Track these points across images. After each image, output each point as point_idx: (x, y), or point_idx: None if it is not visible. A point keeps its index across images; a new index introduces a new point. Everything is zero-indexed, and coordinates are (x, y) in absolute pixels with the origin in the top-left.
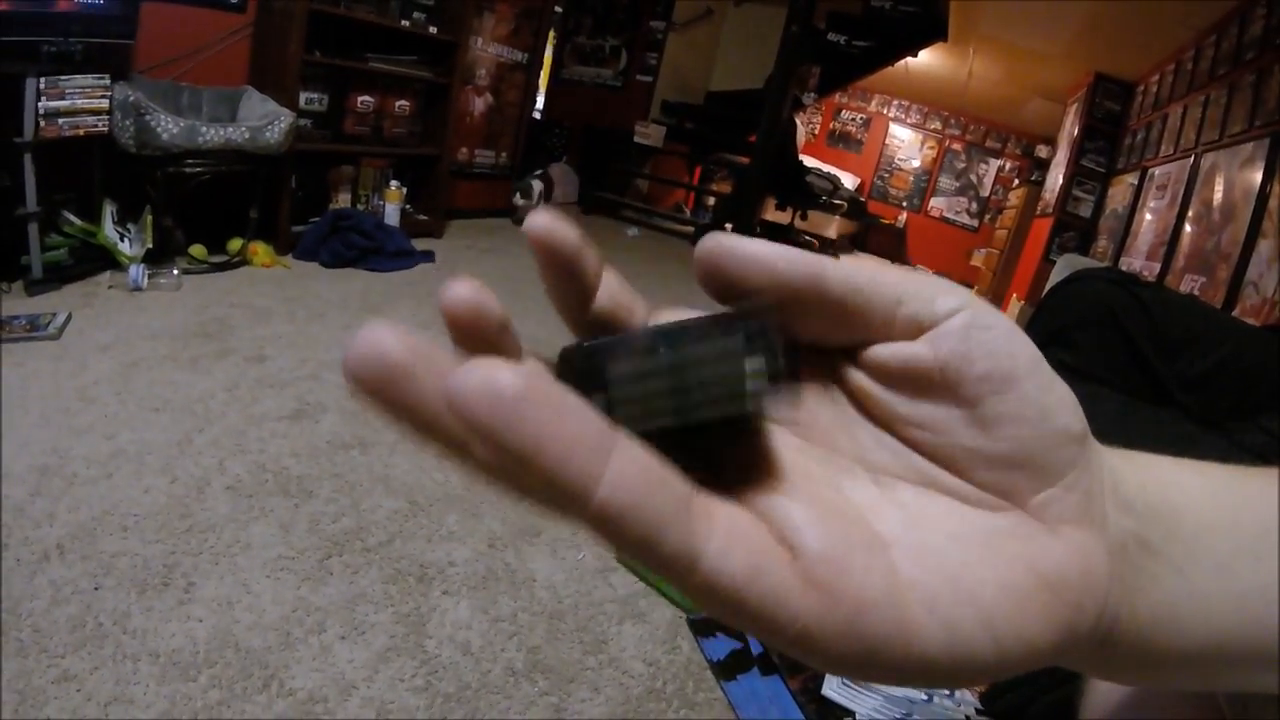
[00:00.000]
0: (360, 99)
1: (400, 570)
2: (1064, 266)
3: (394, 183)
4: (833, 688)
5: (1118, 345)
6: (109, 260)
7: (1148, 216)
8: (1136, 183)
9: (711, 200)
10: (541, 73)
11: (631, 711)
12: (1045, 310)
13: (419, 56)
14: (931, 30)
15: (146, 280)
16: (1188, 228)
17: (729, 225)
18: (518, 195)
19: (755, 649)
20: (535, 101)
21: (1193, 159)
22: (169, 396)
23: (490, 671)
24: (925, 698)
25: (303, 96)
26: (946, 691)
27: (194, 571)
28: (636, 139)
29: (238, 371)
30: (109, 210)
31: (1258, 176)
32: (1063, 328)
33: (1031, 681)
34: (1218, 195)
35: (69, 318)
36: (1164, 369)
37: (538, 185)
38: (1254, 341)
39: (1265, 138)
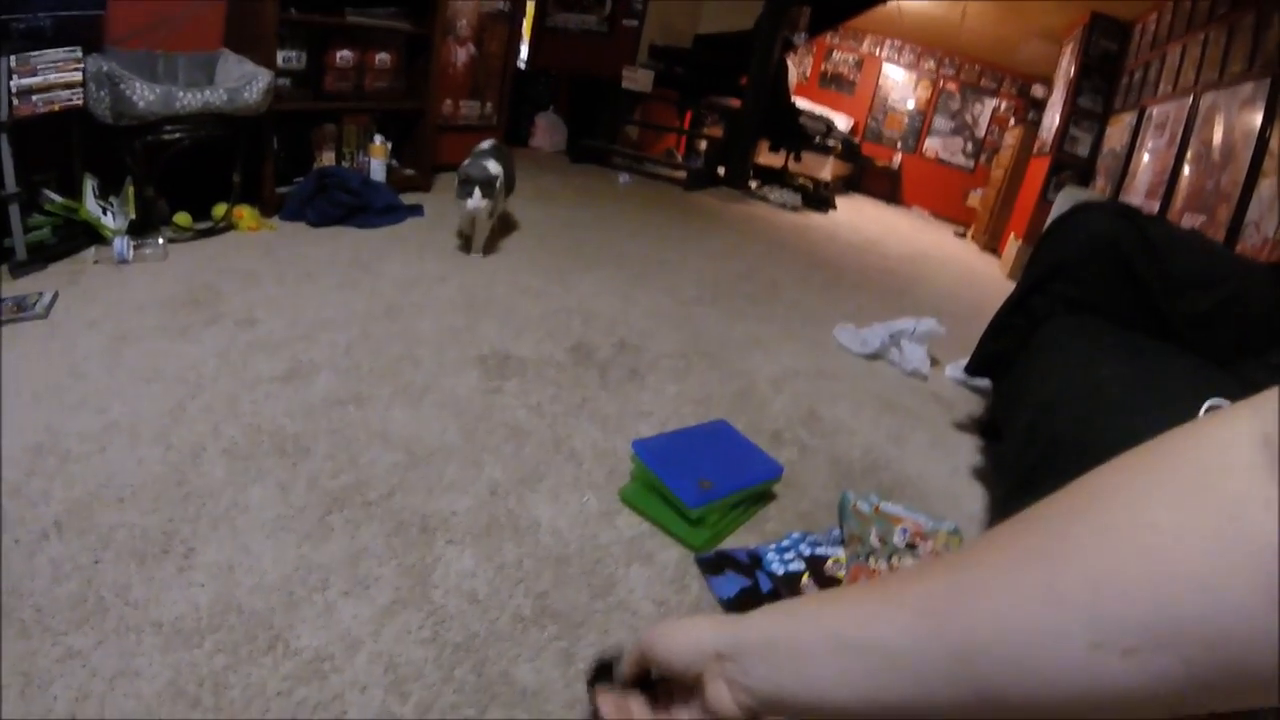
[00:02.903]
0: (339, 55)
1: (402, 523)
2: (1065, 199)
3: (378, 138)
4: None
5: (1122, 279)
6: (93, 235)
7: (1146, 156)
8: (1134, 122)
9: (704, 145)
10: (525, 21)
11: None
12: (1048, 242)
13: (398, 8)
14: None
15: (132, 252)
16: (1186, 168)
17: (721, 170)
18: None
19: (764, 586)
20: (520, 51)
21: (1192, 99)
22: (160, 366)
23: (498, 619)
24: None
25: (280, 55)
26: None
27: (193, 538)
28: (624, 85)
29: (228, 337)
30: (90, 185)
31: (1258, 117)
32: (1066, 261)
33: None
34: (1217, 135)
35: (56, 296)
36: (1169, 305)
37: (477, 194)
38: (1260, 279)
39: (1266, 79)
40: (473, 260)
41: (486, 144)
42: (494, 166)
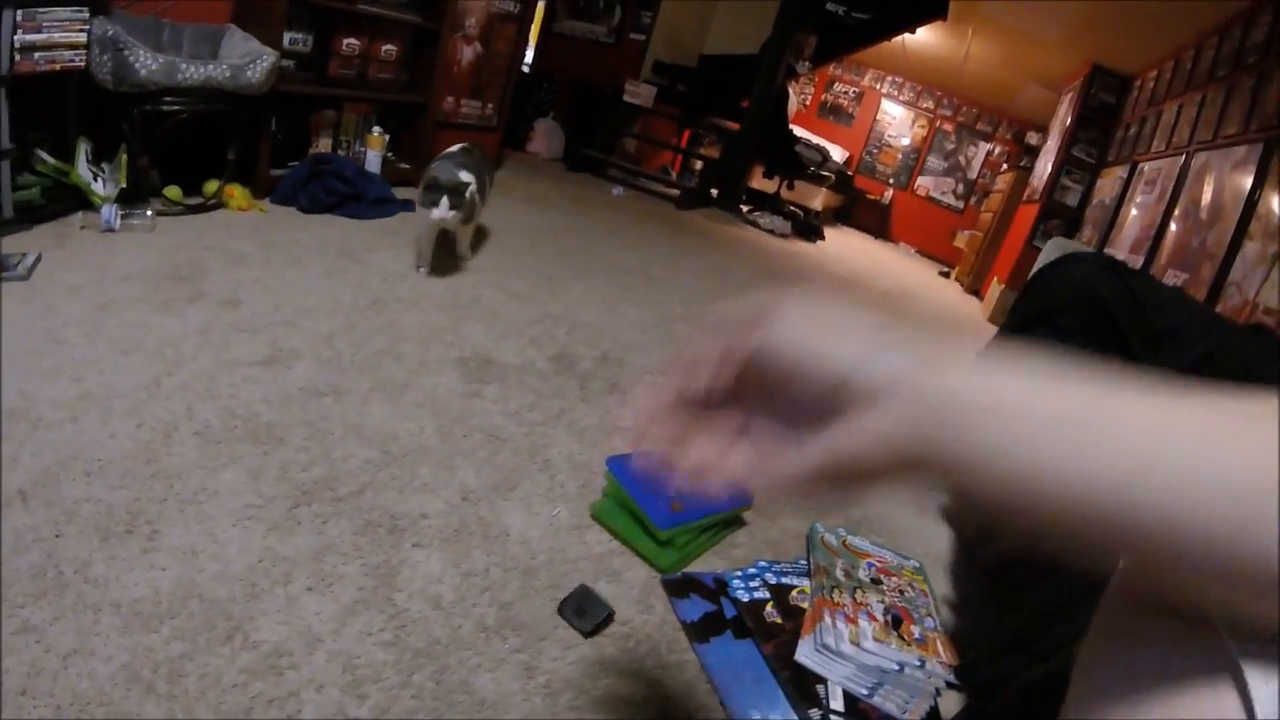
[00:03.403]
0: (346, 41)
1: (371, 521)
2: (1053, 249)
3: (377, 129)
4: (806, 654)
5: (1103, 330)
6: (82, 200)
7: (1134, 210)
8: (1126, 176)
9: (699, 164)
10: (533, 25)
11: (604, 671)
12: (1032, 289)
13: (409, 1)
14: (932, 8)
15: (120, 221)
16: (1173, 225)
17: (714, 191)
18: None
19: (729, 612)
20: (525, 54)
21: (1184, 157)
22: (139, 339)
23: (461, 627)
24: (897, 668)
25: (287, 37)
26: (917, 663)
27: (159, 519)
28: (626, 98)
29: (210, 315)
30: (83, 149)
31: (1248, 180)
32: (1048, 310)
33: (1006, 659)
34: (1207, 194)
35: (39, 258)
36: (1148, 358)
37: (444, 203)
38: (1238, 338)
39: (1259, 142)
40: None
41: (457, 148)
42: (464, 173)
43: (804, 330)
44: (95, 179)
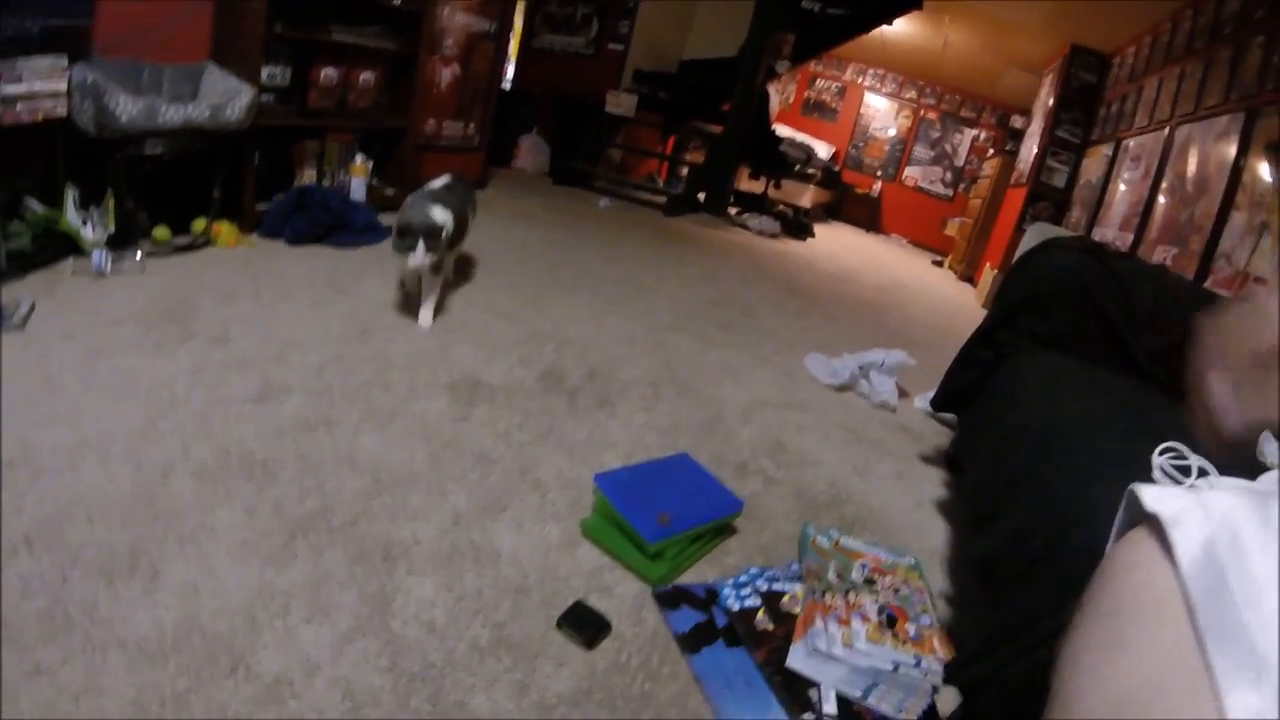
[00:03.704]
0: (324, 72)
1: (365, 550)
2: (1034, 235)
3: (359, 156)
4: (798, 659)
5: (1088, 315)
6: (72, 246)
7: (1121, 187)
8: (1111, 154)
9: (685, 170)
10: (512, 42)
11: (596, 685)
12: (1015, 278)
13: (384, 27)
14: None
15: (110, 265)
16: (1161, 199)
17: (702, 195)
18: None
19: (720, 621)
20: (505, 71)
21: (1167, 131)
22: (133, 383)
23: (455, 649)
24: (891, 667)
25: (265, 71)
26: (913, 661)
27: (160, 558)
28: (608, 108)
29: (202, 354)
30: (71, 195)
31: (1232, 150)
32: (1033, 296)
33: (997, 652)
34: (1191, 167)
35: (33, 307)
36: (1133, 340)
37: (420, 248)
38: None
39: (1240, 112)
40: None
41: (439, 182)
42: (440, 213)
43: None
44: (84, 224)
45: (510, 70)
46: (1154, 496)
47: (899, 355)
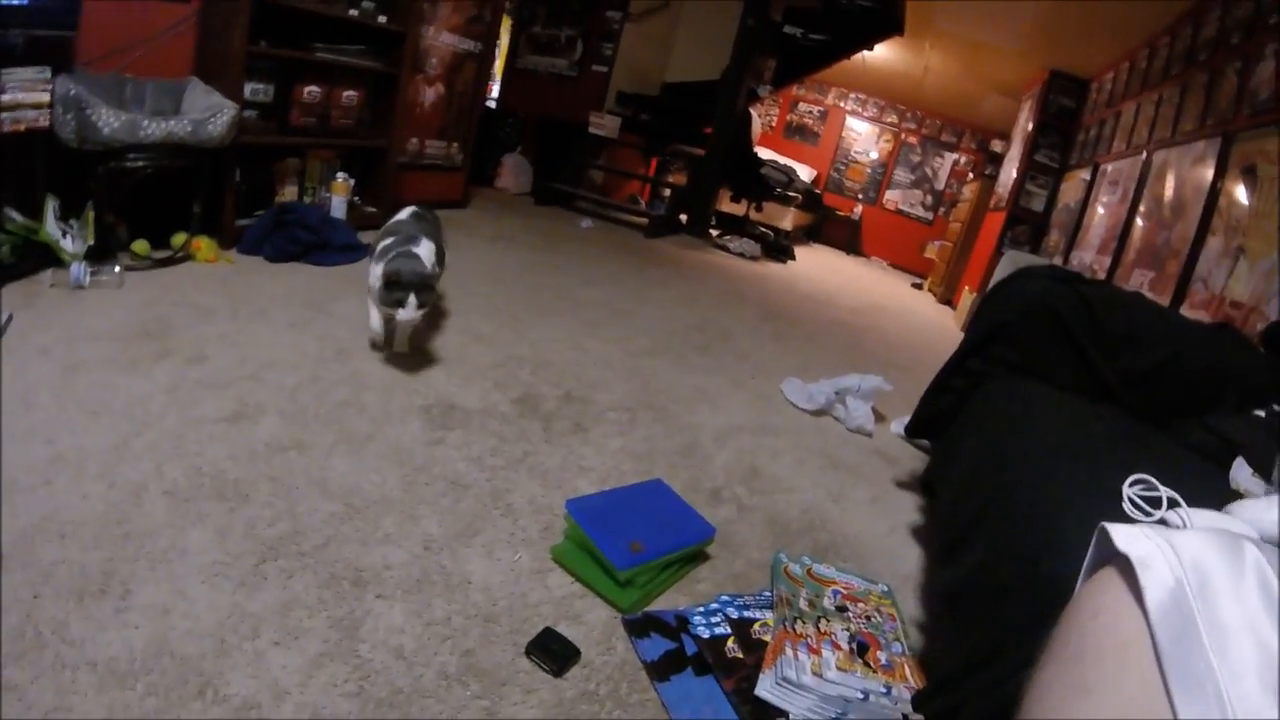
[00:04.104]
0: (307, 90)
1: (335, 574)
2: (1008, 263)
3: (341, 175)
4: (766, 688)
5: (1060, 342)
6: (51, 258)
7: (1099, 211)
8: (1089, 178)
9: (667, 192)
10: (496, 62)
11: (564, 713)
12: (988, 306)
13: (368, 46)
14: (887, 25)
15: (89, 278)
16: (1139, 222)
17: (684, 216)
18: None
19: (689, 649)
20: (489, 91)
21: (1145, 155)
22: (109, 400)
23: (423, 676)
24: (861, 696)
25: (248, 87)
26: (883, 690)
27: (131, 578)
28: (591, 130)
29: (178, 373)
30: (51, 207)
31: (1208, 174)
32: (1005, 324)
33: (964, 684)
34: (1169, 192)
35: (10, 319)
36: (1106, 366)
37: (411, 303)
38: (1197, 340)
39: (1216, 136)
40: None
41: (405, 214)
42: (426, 252)
43: None
44: (64, 236)
45: (495, 90)
46: (1125, 536)
47: (875, 380)
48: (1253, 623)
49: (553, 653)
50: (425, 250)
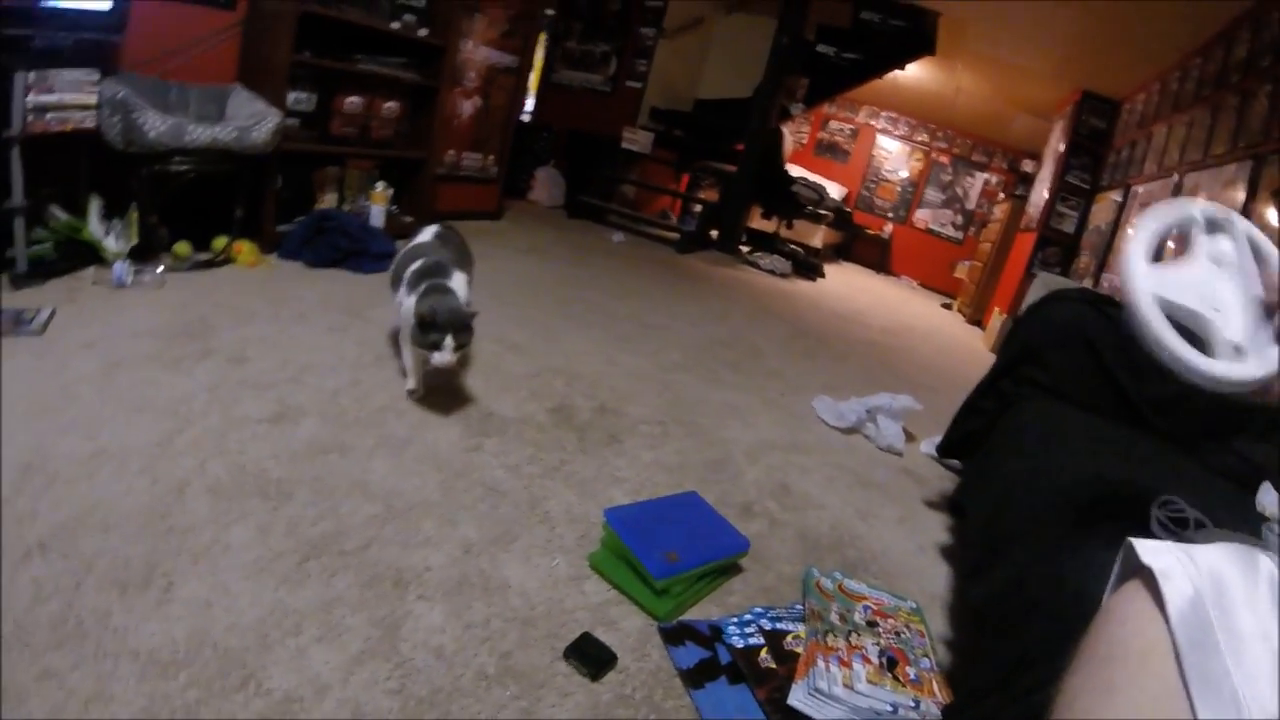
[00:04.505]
0: (348, 100)
1: (376, 575)
2: (1040, 286)
3: (380, 184)
4: (799, 698)
5: (1090, 365)
6: (94, 256)
7: (1130, 233)
8: (1120, 200)
9: (698, 208)
10: (531, 76)
11: (600, 716)
12: (1020, 329)
13: (408, 59)
14: (919, 45)
15: (131, 278)
16: (1170, 244)
17: (714, 232)
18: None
19: (723, 658)
20: (524, 105)
21: (1176, 178)
22: (151, 396)
23: (462, 676)
24: (890, 709)
25: (291, 96)
26: (911, 704)
27: (174, 572)
28: (624, 145)
29: (219, 373)
30: (95, 206)
31: (1239, 197)
32: (1036, 347)
33: (990, 698)
34: None
35: (53, 313)
36: (1135, 390)
37: (448, 345)
38: None
39: (1247, 160)
40: None
41: (427, 235)
42: (460, 284)
43: None
44: (107, 235)
45: (529, 104)
46: (1148, 550)
47: (906, 400)
48: (1266, 630)
49: (590, 657)
50: (459, 283)
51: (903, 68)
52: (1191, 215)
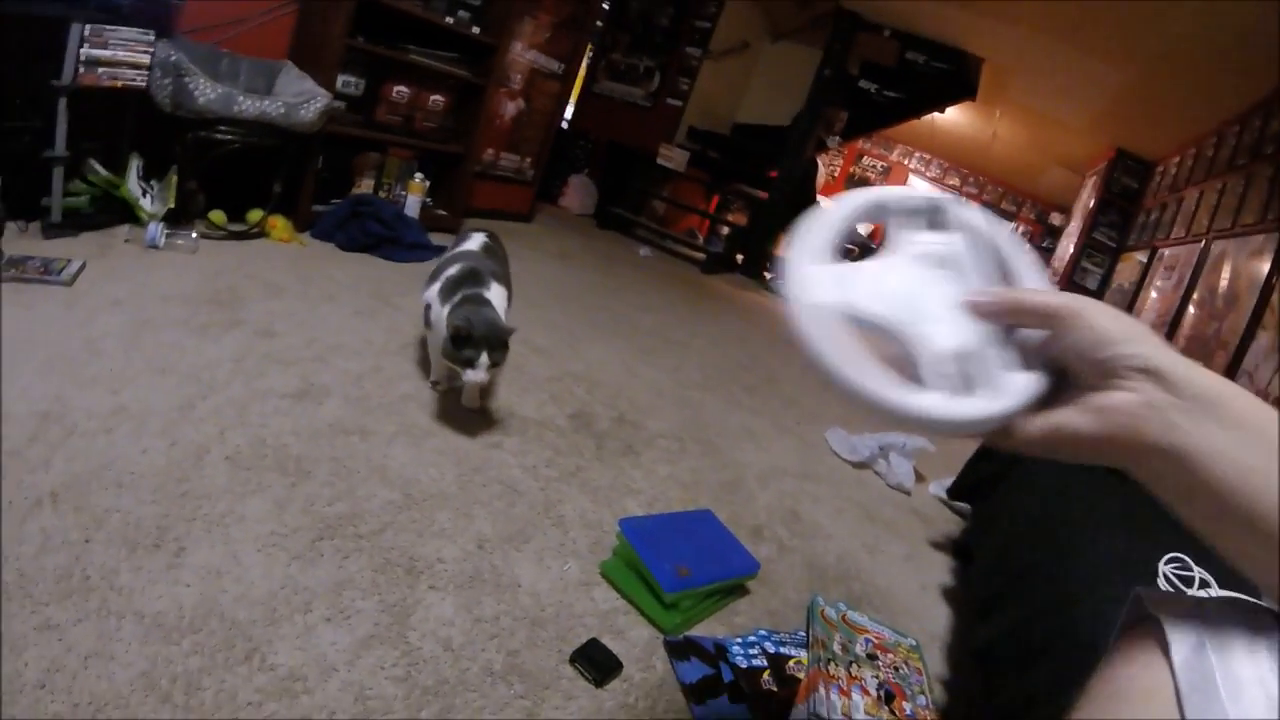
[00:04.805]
0: (396, 89)
1: (389, 560)
2: None
3: (418, 175)
4: None
5: None
6: (128, 214)
7: (1153, 295)
8: (1145, 260)
9: (725, 229)
10: (574, 84)
11: None
12: None
13: (458, 54)
14: (961, 89)
15: (164, 240)
16: (1191, 310)
17: (740, 256)
18: None
19: (727, 676)
20: (565, 111)
21: (1203, 244)
22: (176, 360)
23: (469, 670)
24: None
25: (340, 79)
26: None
27: (186, 537)
28: (659, 160)
29: (246, 343)
30: (135, 165)
31: (1265, 268)
32: None
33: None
34: (1224, 282)
35: (83, 266)
36: None
37: (483, 362)
38: None
39: (1276, 231)
40: None
41: (477, 244)
42: (498, 297)
43: (1109, 313)
44: (144, 195)
45: (569, 110)
46: (1156, 600)
47: (920, 440)
48: (1263, 677)
49: (596, 663)
50: (497, 295)
51: (943, 110)
52: (882, 203)
